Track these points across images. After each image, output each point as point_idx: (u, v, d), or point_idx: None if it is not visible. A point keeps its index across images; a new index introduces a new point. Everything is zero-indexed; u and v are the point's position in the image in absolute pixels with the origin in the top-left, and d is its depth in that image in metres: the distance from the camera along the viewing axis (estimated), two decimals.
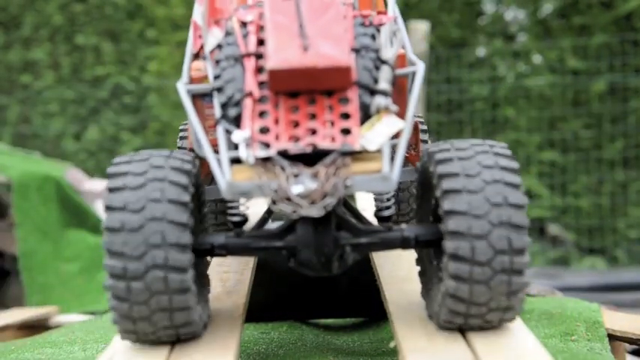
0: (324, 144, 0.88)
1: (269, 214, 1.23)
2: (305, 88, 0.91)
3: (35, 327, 2.33)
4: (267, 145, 0.90)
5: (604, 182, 4.63)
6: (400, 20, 1.11)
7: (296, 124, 0.91)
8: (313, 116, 0.91)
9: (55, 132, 5.34)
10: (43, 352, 1.47)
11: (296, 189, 0.86)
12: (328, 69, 0.89)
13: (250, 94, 0.93)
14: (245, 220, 1.14)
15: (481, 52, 4.91)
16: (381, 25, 1.05)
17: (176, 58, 5.11)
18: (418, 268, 1.15)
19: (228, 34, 1.03)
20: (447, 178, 0.96)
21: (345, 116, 0.92)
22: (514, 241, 0.96)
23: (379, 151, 0.90)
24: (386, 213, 1.17)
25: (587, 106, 4.64)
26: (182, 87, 1.05)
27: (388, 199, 1.17)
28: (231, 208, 1.16)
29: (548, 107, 4.69)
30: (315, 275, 1.02)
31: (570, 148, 4.66)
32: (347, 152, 0.89)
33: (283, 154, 0.89)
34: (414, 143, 1.21)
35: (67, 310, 2.79)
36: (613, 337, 1.56)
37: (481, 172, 0.96)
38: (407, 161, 1.23)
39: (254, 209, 1.39)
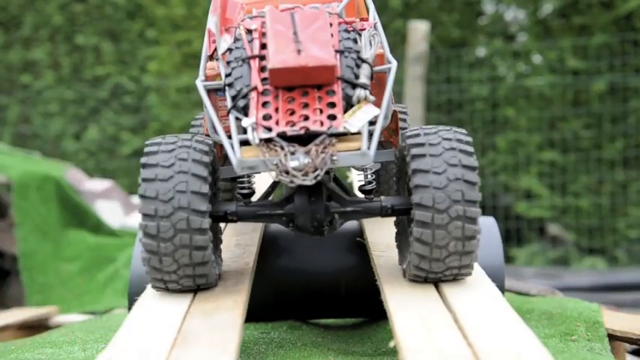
0: (314, 127, 1.11)
1: (273, 188, 1.44)
2: (299, 83, 1.13)
3: (35, 327, 2.33)
4: (269, 129, 1.12)
5: (604, 182, 4.63)
6: (379, 25, 1.32)
7: (292, 112, 1.13)
8: (306, 105, 1.13)
9: (55, 132, 5.35)
10: (43, 352, 1.47)
11: (292, 163, 1.09)
12: (317, 67, 1.12)
13: (255, 89, 1.15)
14: (252, 192, 1.39)
15: (481, 52, 4.91)
16: (362, 30, 1.26)
17: (176, 58, 5.11)
18: (396, 243, 1.38)
19: (236, 39, 1.24)
20: (415, 147, 1.21)
21: (332, 105, 1.13)
22: (467, 194, 1.18)
23: (359, 133, 1.13)
24: (368, 187, 1.38)
25: (587, 106, 4.64)
26: (200, 83, 1.28)
27: (370, 176, 1.40)
28: (241, 183, 1.40)
29: (548, 107, 4.69)
30: (310, 236, 1.25)
31: (570, 148, 4.67)
32: (333, 134, 1.11)
33: (282, 135, 1.11)
34: (394, 129, 1.43)
35: (67, 310, 2.79)
36: (613, 337, 1.56)
37: (441, 142, 1.21)
38: (390, 144, 1.48)
39: (259, 185, 1.59)
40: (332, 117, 1.13)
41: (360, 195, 1.37)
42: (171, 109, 5.14)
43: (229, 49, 1.23)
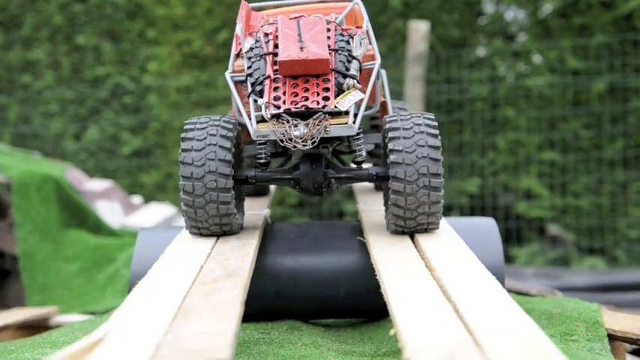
0: (312, 106, 1.43)
1: (284, 162, 1.82)
2: (301, 73, 1.45)
3: (35, 327, 2.33)
4: (278, 107, 1.44)
5: (604, 182, 4.63)
6: (371, 32, 1.64)
7: (295, 95, 1.46)
8: (306, 90, 1.45)
9: (55, 132, 5.35)
10: (43, 352, 1.47)
11: (295, 133, 1.42)
12: (315, 60, 1.43)
13: (269, 77, 1.48)
14: (268, 162, 1.68)
15: (481, 52, 4.91)
16: (354, 34, 1.57)
17: (176, 58, 5.11)
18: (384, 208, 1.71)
19: (256, 41, 1.57)
20: (392, 130, 1.52)
21: (326, 90, 1.45)
22: (431, 168, 1.49)
23: (347, 112, 1.46)
24: (359, 159, 1.67)
25: (587, 106, 4.64)
26: (229, 75, 1.61)
27: (360, 151, 1.66)
28: (259, 154, 1.68)
29: (548, 107, 4.69)
30: (311, 196, 1.56)
31: (570, 148, 4.67)
32: (327, 112, 1.44)
33: (287, 112, 1.44)
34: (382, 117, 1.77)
35: (67, 310, 2.79)
36: (613, 337, 1.56)
37: (413, 127, 1.51)
38: (378, 130, 1.92)
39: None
40: (326, 99, 1.45)
41: (354, 166, 1.70)
42: (171, 109, 5.14)
43: (251, 48, 1.56)
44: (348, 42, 1.56)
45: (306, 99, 1.44)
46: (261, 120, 1.47)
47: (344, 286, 1.74)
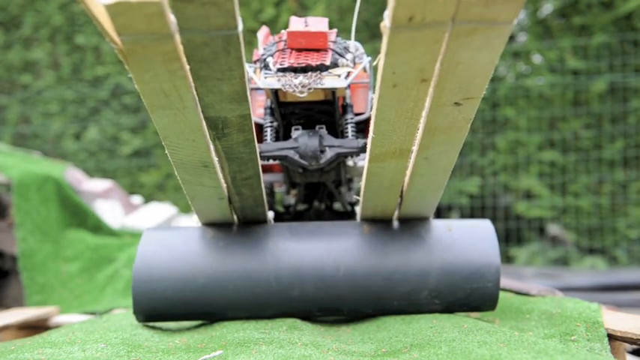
0: (312, 63, 1.61)
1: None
2: (304, 46, 1.64)
3: (35, 327, 2.33)
4: (283, 64, 1.64)
5: (604, 182, 4.63)
6: (369, 67, 1.88)
7: (299, 57, 1.66)
8: (307, 57, 1.66)
9: (55, 132, 5.34)
10: (43, 352, 1.47)
11: (297, 81, 1.60)
12: (316, 33, 1.63)
13: (279, 50, 1.68)
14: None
15: None
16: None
17: None
18: None
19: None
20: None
21: (324, 58, 1.64)
22: None
23: (339, 75, 1.63)
24: (348, 135, 1.85)
25: (587, 106, 4.64)
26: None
27: (347, 132, 1.82)
28: (264, 133, 1.85)
29: (548, 107, 4.69)
30: (309, 165, 1.70)
31: (570, 148, 4.67)
32: (323, 70, 1.61)
33: (291, 68, 1.62)
34: None
35: (67, 310, 2.78)
36: (613, 337, 1.56)
37: None
38: None
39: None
40: (324, 61, 1.66)
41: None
42: None
43: (264, 48, 1.76)
44: (345, 48, 1.78)
45: (307, 59, 1.70)
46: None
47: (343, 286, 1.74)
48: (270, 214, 1.95)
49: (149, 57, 0.93)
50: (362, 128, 2.15)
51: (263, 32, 1.93)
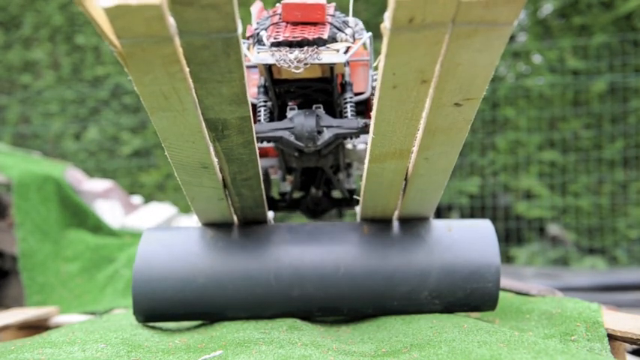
0: (309, 36, 1.51)
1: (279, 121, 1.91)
2: (300, 19, 1.55)
3: (35, 327, 2.33)
4: (277, 38, 1.55)
5: (604, 182, 4.63)
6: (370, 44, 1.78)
7: (294, 31, 1.58)
8: (303, 31, 1.57)
9: (55, 132, 5.34)
10: (43, 352, 1.47)
11: (292, 56, 1.49)
12: (313, 5, 1.53)
13: (273, 23, 1.57)
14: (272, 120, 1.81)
15: None
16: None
17: None
18: None
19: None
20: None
21: (321, 32, 1.54)
22: None
23: (338, 50, 1.53)
24: (347, 114, 1.79)
25: (587, 106, 4.64)
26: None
27: (346, 112, 1.77)
28: (258, 114, 1.78)
29: (548, 107, 4.69)
30: (305, 146, 1.60)
31: (570, 148, 4.67)
32: (320, 44, 1.51)
33: (286, 42, 1.51)
34: None
35: (67, 310, 2.78)
36: (613, 337, 1.56)
37: None
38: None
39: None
40: (322, 35, 1.59)
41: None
42: None
43: (258, 22, 1.67)
44: (345, 22, 1.69)
45: (304, 33, 1.62)
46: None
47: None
48: (270, 214, 1.93)
49: (149, 60, 0.93)
50: (362, 110, 2.06)
51: (257, 7, 1.80)
